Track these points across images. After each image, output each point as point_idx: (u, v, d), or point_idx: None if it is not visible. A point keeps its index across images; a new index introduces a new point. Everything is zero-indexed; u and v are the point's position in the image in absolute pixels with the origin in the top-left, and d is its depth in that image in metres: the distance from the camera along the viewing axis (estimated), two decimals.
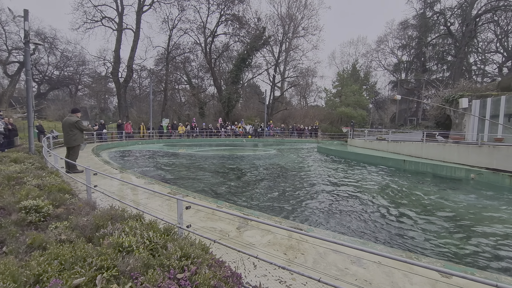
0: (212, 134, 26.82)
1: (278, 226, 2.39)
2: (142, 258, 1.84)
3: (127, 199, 4.60)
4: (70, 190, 4.09)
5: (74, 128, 7.02)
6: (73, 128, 7.02)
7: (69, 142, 7.09)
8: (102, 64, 31.55)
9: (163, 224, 2.70)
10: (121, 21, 26.73)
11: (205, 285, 1.58)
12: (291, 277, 2.47)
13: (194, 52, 33.32)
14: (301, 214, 5.87)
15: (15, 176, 4.49)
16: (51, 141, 10.59)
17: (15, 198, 3.35)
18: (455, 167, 10.52)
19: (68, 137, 7.04)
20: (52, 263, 1.85)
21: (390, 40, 42.35)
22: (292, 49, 39.09)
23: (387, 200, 7.04)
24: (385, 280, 2.53)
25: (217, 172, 10.59)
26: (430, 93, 26.22)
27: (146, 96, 32.68)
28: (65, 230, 2.45)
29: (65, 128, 7.03)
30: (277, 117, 37.40)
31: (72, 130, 7.01)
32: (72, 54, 39.38)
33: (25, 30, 8.99)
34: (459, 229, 5.13)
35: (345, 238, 3.52)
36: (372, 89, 42.58)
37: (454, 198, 7.38)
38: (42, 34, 34.93)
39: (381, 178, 10.00)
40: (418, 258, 3.07)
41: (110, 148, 17.12)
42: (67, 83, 42.63)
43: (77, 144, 7.17)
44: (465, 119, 17.90)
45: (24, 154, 7.33)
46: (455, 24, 34.24)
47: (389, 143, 16.69)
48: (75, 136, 7.07)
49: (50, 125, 24.81)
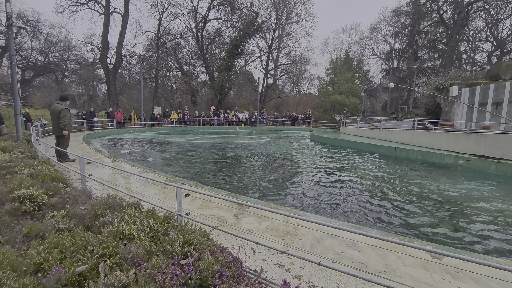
0: (205, 122, 26.59)
1: (275, 212, 2.42)
2: (144, 245, 1.85)
3: (122, 188, 4.57)
4: (63, 179, 4.02)
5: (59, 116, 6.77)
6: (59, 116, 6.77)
7: (57, 131, 6.93)
8: (90, 50, 30.59)
9: (162, 212, 2.70)
10: (108, 4, 25.67)
11: (209, 270, 1.60)
12: (290, 261, 2.53)
13: (185, 38, 32.55)
14: (294, 201, 5.96)
15: (5, 165, 4.37)
16: (40, 130, 10.32)
17: (7, 187, 3.28)
18: (444, 154, 10.79)
19: (57, 126, 6.86)
20: (52, 252, 1.84)
21: (383, 28, 42.18)
22: (285, 36, 38.58)
23: (378, 187, 7.20)
24: (380, 262, 2.61)
25: (210, 161, 10.58)
26: (422, 81, 26.45)
27: (136, 83, 31.94)
28: (63, 219, 2.43)
29: (54, 116, 6.84)
30: (270, 105, 37.25)
31: (58, 118, 6.78)
32: (57, 38, 37.88)
33: (7, 13, 8.55)
34: (445, 213, 5.31)
35: (341, 223, 3.60)
36: (364, 77, 42.68)
37: (441, 183, 7.59)
38: (24, 17, 33.32)
39: (373, 165, 10.19)
40: (410, 240, 3.17)
41: (101, 136, 16.83)
42: (52, 69, 41.19)
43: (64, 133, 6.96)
44: (455, 107, 18.21)
45: (12, 143, 7.12)
46: (448, 12, 34.26)
47: (381, 131, 16.91)
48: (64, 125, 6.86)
49: (37, 113, 24.11)
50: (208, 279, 1.56)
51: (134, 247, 1.83)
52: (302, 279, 2.26)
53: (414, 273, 2.45)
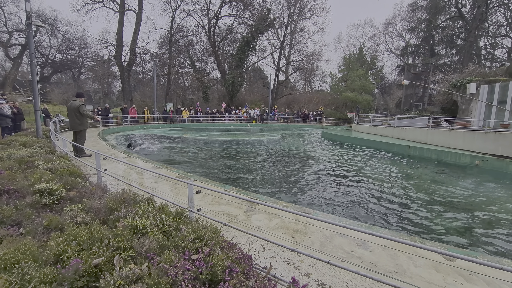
0: (216, 119, 26.78)
1: (285, 210, 2.43)
2: (157, 240, 1.91)
3: (136, 183, 4.69)
4: (80, 173, 4.17)
5: (78, 112, 7.00)
6: (78, 112, 7.00)
7: (74, 127, 7.12)
8: (105, 47, 31.23)
9: (174, 207, 2.77)
10: (123, 2, 26.12)
11: (219, 265, 1.64)
12: (299, 259, 2.55)
13: (198, 34, 32.73)
14: (305, 199, 5.95)
15: (26, 159, 4.57)
16: (58, 125, 10.68)
17: (28, 181, 3.43)
18: (460, 153, 10.48)
19: (74, 122, 7.05)
20: (70, 244, 1.92)
21: (399, 23, 41.02)
22: (298, 32, 38.11)
23: (389, 186, 7.08)
24: (390, 262, 2.59)
25: (222, 157, 10.67)
26: (438, 78, 25.63)
27: (149, 80, 32.42)
28: (80, 212, 2.53)
29: (70, 112, 7.03)
30: (281, 102, 37.05)
31: (76, 114, 7.00)
32: (74, 36, 38.87)
33: (27, 12, 8.83)
34: (459, 214, 5.18)
35: (351, 222, 3.58)
36: (378, 74, 41.78)
37: (457, 183, 7.39)
38: (43, 16, 34.31)
39: (385, 164, 10.02)
40: (422, 241, 3.12)
41: (115, 132, 17.24)
42: (70, 67, 42.33)
43: (83, 129, 7.20)
44: (472, 105, 17.59)
45: (32, 138, 7.41)
46: (467, 6, 32.95)
47: (394, 128, 16.57)
48: (81, 121, 7.07)
49: (55, 108, 24.86)
50: (218, 275, 1.59)
51: (148, 241, 1.89)
52: (311, 277, 2.27)
53: (425, 275, 2.42)
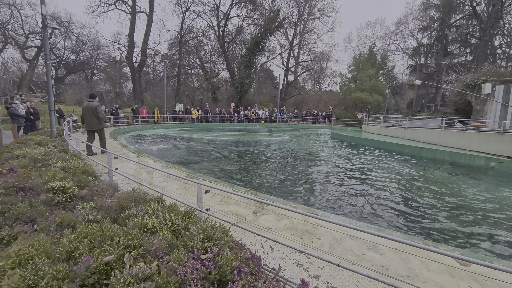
0: (225, 119, 26.89)
1: (294, 211, 2.41)
2: (167, 239, 1.92)
3: (146, 182, 4.75)
4: (92, 172, 4.24)
5: (96, 112, 7.28)
6: (95, 112, 7.27)
7: (93, 126, 7.38)
8: (117, 49, 31.78)
9: (183, 207, 2.78)
10: (135, 4, 26.57)
11: (228, 266, 1.63)
12: (308, 261, 2.52)
13: (207, 35, 33.00)
14: (314, 200, 5.90)
15: (40, 158, 4.68)
16: (71, 125, 10.93)
17: (42, 179, 3.51)
18: (474, 155, 10.20)
19: (92, 121, 7.32)
20: (82, 241, 1.95)
21: (410, 22, 40.32)
22: (307, 32, 37.90)
23: (401, 188, 6.95)
24: (402, 266, 2.54)
25: (231, 158, 10.70)
26: (451, 78, 25.02)
27: (159, 81, 32.87)
28: (92, 210, 2.57)
29: (88, 112, 7.27)
30: (290, 102, 36.92)
31: (94, 114, 7.28)
32: (87, 38, 39.88)
33: (43, 14, 9.06)
34: (473, 217, 5.03)
35: (361, 224, 3.52)
36: (389, 74, 41.12)
37: (471, 186, 7.19)
38: (57, 18, 35.30)
39: (396, 166, 9.84)
40: (435, 245, 3.04)
41: (126, 132, 17.53)
42: (83, 68, 43.37)
43: (101, 127, 7.49)
44: (487, 106, 17.10)
45: (46, 137, 7.60)
46: (481, 4, 32.08)
47: (405, 129, 16.27)
48: (98, 120, 7.36)
49: (68, 109, 25.51)
50: (227, 275, 1.59)
51: (157, 240, 1.90)
52: (320, 280, 2.25)
53: (438, 279, 2.36)
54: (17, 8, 31.37)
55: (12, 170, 3.74)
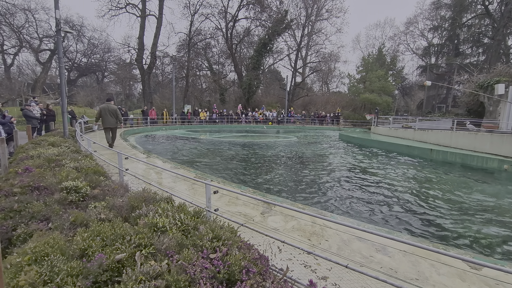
0: (233, 121, 27.01)
1: (302, 212, 2.42)
2: (176, 238, 1.95)
3: (155, 182, 4.82)
4: (104, 172, 4.34)
5: (115, 113, 8.66)
6: (115, 113, 8.64)
7: (113, 124, 8.73)
8: (127, 51, 32.34)
9: (192, 207, 2.82)
10: (144, 7, 27.00)
11: (236, 265, 1.65)
12: (316, 262, 2.52)
13: (215, 37, 33.25)
14: (321, 201, 5.87)
15: (54, 158, 4.81)
16: (83, 126, 11.18)
17: (56, 179, 3.61)
18: (487, 157, 9.96)
19: (112, 120, 8.68)
20: (95, 239, 2.01)
21: (420, 22, 39.54)
22: (315, 33, 37.74)
23: (411, 190, 6.85)
24: (411, 269, 2.51)
25: (238, 159, 10.74)
26: (463, 78, 24.49)
27: (168, 83, 33.24)
28: (104, 209, 2.63)
29: (108, 113, 8.58)
30: (298, 104, 36.80)
31: (113, 114, 8.62)
32: (98, 41, 40.68)
33: (56, 19, 9.31)
34: (487, 222, 4.92)
35: (370, 226, 3.50)
36: (398, 75, 40.51)
37: (484, 189, 7.03)
38: (70, 22, 36.19)
39: (405, 168, 9.69)
40: (446, 248, 3.00)
41: (136, 133, 17.80)
42: (94, 70, 44.28)
43: (118, 126, 9.14)
44: (500, 107, 16.68)
45: (59, 138, 7.80)
46: (494, 3, 31.32)
47: (415, 131, 16.01)
48: (117, 119, 8.79)
49: (80, 110, 26.05)
50: (235, 274, 1.61)
51: (167, 239, 1.94)
52: (328, 281, 2.25)
53: (449, 283, 2.32)
54: (32, 13, 32.31)
55: (28, 170, 3.86)
